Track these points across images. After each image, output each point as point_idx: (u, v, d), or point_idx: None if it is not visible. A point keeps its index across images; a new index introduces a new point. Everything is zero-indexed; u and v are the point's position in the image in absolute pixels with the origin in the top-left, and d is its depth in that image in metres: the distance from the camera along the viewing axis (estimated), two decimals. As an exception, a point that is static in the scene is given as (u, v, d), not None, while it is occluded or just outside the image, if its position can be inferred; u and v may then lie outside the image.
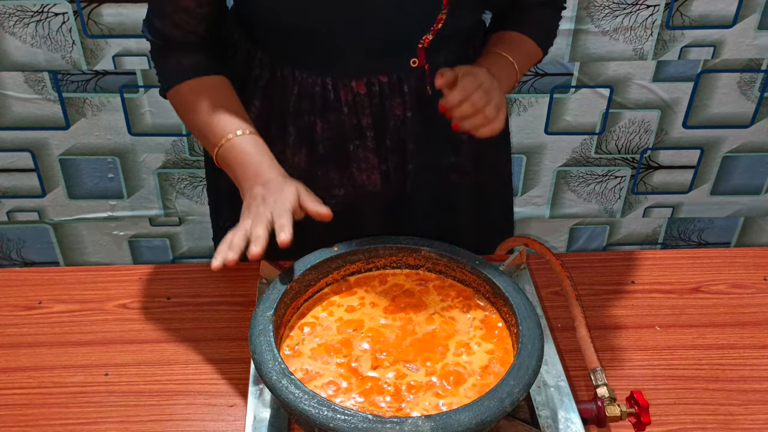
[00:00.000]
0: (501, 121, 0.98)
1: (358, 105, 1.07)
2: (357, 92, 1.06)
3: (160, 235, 1.88)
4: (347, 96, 1.06)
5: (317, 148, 1.11)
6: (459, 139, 1.16)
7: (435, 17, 0.99)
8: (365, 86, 1.06)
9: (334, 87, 1.06)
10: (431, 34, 1.02)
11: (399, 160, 1.14)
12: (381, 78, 1.06)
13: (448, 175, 1.19)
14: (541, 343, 0.83)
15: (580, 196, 1.87)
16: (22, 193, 1.78)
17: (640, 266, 1.16)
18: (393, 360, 0.86)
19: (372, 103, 1.06)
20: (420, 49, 1.04)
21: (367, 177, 1.14)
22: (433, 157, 1.16)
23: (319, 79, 1.06)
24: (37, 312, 1.07)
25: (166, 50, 1.04)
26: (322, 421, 0.73)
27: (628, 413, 0.87)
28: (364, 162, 1.12)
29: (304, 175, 1.14)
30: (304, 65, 1.06)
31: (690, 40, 1.61)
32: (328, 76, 1.05)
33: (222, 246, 0.88)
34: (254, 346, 0.81)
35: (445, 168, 1.18)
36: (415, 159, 1.14)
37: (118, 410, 0.92)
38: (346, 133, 1.10)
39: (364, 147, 1.11)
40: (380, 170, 1.14)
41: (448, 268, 0.96)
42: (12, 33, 1.54)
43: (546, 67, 1.64)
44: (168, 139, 1.71)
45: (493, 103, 0.96)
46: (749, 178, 1.85)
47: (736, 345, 1.02)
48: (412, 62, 1.05)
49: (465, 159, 1.18)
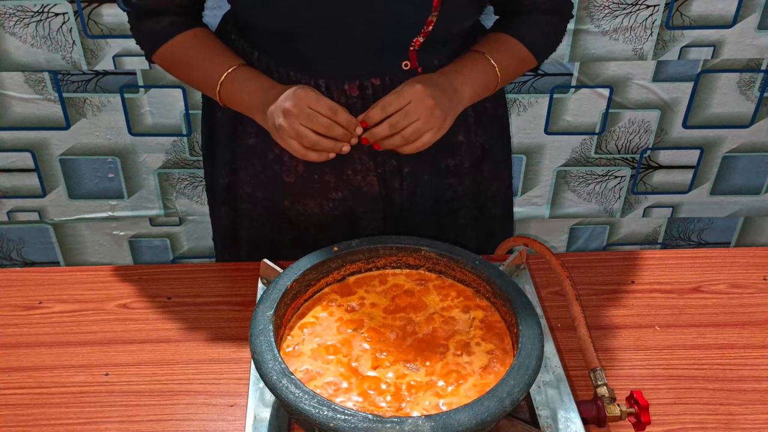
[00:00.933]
0: (423, 142, 0.99)
1: (351, 107, 1.06)
2: (350, 95, 1.06)
3: (160, 235, 1.88)
4: (340, 98, 1.06)
5: None
6: (456, 141, 1.16)
7: (425, 19, 0.99)
8: (358, 89, 1.06)
9: (327, 89, 1.06)
10: (422, 37, 1.01)
11: (395, 163, 1.14)
12: (374, 81, 1.06)
13: (447, 178, 1.19)
14: (541, 343, 0.83)
15: (580, 196, 1.87)
16: (22, 193, 1.78)
17: (639, 266, 1.16)
18: (393, 360, 0.86)
19: (365, 105, 1.06)
20: (411, 52, 1.04)
21: (363, 179, 1.14)
22: (430, 159, 1.15)
23: (313, 80, 1.06)
24: (37, 312, 1.07)
25: (143, 17, 1.07)
26: (322, 421, 0.73)
27: (628, 413, 0.87)
28: (359, 164, 1.12)
29: (301, 179, 1.14)
30: (298, 67, 1.06)
31: (690, 40, 1.61)
32: (321, 77, 1.06)
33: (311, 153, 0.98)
34: (254, 346, 0.82)
35: (443, 171, 1.18)
36: (411, 162, 1.13)
37: (118, 410, 0.93)
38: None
39: (359, 149, 1.10)
40: (376, 173, 1.14)
41: (448, 268, 0.96)
42: (12, 33, 1.54)
43: (546, 67, 1.64)
44: (168, 139, 1.71)
45: (413, 126, 0.97)
46: (749, 178, 1.85)
47: (736, 345, 1.02)
48: (404, 65, 1.05)
49: (463, 161, 1.18)
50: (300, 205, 1.17)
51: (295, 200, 1.17)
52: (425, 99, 0.97)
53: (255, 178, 1.17)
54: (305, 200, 1.16)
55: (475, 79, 1.06)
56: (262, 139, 1.12)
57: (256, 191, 1.18)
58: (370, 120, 0.98)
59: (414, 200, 1.17)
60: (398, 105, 0.97)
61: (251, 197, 1.19)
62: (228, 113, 1.15)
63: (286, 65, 1.07)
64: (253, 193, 1.19)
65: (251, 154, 1.15)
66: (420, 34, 1.01)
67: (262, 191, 1.18)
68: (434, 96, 0.98)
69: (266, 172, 1.15)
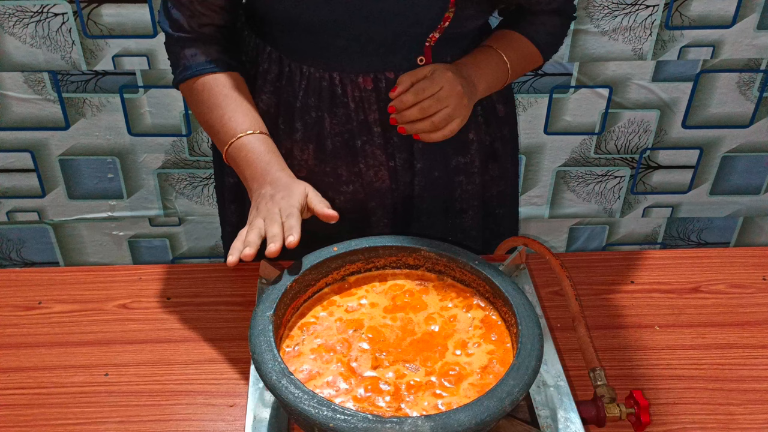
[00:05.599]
0: (450, 129, 0.99)
1: (365, 100, 1.07)
2: (364, 88, 1.06)
3: (160, 235, 1.88)
4: (354, 91, 1.06)
5: (325, 144, 1.12)
6: (467, 139, 1.16)
7: (442, 15, 1.00)
8: (372, 82, 1.06)
9: (341, 82, 1.06)
10: (438, 32, 1.02)
11: (407, 158, 1.14)
12: (388, 74, 1.06)
13: (457, 176, 1.19)
14: (540, 343, 0.83)
15: (580, 196, 1.87)
16: (22, 193, 1.78)
17: (639, 266, 1.16)
18: (393, 360, 0.86)
19: (379, 98, 1.07)
20: (427, 48, 1.04)
21: (375, 174, 1.14)
22: (441, 156, 1.16)
23: (327, 74, 1.06)
24: (37, 312, 1.07)
25: (183, 42, 1.05)
26: (322, 421, 0.73)
27: (628, 413, 0.87)
28: (371, 158, 1.13)
29: (313, 172, 1.14)
30: (312, 60, 1.06)
31: (689, 40, 1.61)
32: (335, 71, 1.06)
33: (236, 243, 0.89)
34: (254, 346, 0.82)
35: (453, 168, 1.18)
36: (423, 157, 1.14)
37: (118, 410, 0.93)
38: (353, 129, 1.10)
39: (371, 143, 1.11)
40: (388, 167, 1.14)
41: (448, 268, 0.96)
42: (12, 33, 1.54)
43: (545, 67, 1.64)
44: (168, 139, 1.71)
45: (443, 112, 0.98)
46: (748, 177, 1.85)
47: (736, 345, 1.02)
48: (419, 60, 1.05)
49: (473, 159, 1.18)
50: None
51: None
52: (456, 86, 0.98)
53: None
54: None
55: (489, 74, 1.07)
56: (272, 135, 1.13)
57: None
58: (402, 104, 0.99)
59: (424, 197, 1.18)
60: (431, 90, 0.98)
61: None
62: None
63: (299, 59, 1.07)
64: None
65: None
66: (436, 30, 1.02)
67: None
68: (463, 84, 1.00)
69: None
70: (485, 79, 1.07)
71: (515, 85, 1.66)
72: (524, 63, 1.14)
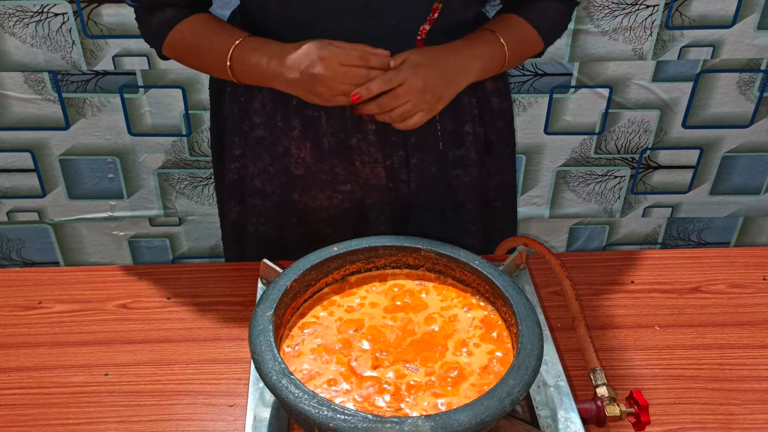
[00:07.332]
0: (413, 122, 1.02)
1: None
2: None
3: (160, 235, 1.89)
4: None
5: (322, 142, 1.12)
6: (463, 132, 1.16)
7: (431, 7, 1.00)
8: None
9: None
10: (428, 24, 1.02)
11: (402, 155, 1.14)
12: None
13: (454, 169, 1.19)
14: (540, 342, 0.83)
15: (580, 196, 1.87)
16: (22, 193, 1.78)
17: (639, 266, 1.16)
18: (393, 360, 0.86)
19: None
20: (419, 41, 1.04)
21: (371, 171, 1.14)
22: (437, 151, 1.16)
23: None
24: (37, 312, 1.07)
25: (149, 9, 1.07)
26: (322, 421, 0.73)
27: (628, 413, 0.87)
28: (367, 156, 1.13)
29: (310, 172, 1.14)
30: None
31: (689, 40, 1.61)
32: None
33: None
34: (254, 346, 0.82)
35: (449, 162, 1.18)
36: (418, 153, 1.14)
37: (118, 410, 0.93)
38: (348, 127, 1.10)
39: (366, 141, 1.11)
40: (384, 165, 1.14)
41: (448, 268, 0.96)
42: (12, 33, 1.54)
43: (545, 67, 1.64)
44: (168, 139, 1.71)
45: (401, 108, 1.00)
46: (748, 177, 1.85)
47: (736, 345, 1.02)
48: None
49: (469, 151, 1.19)
50: (309, 198, 1.17)
51: (304, 193, 1.17)
52: (416, 82, 0.99)
53: (264, 171, 1.17)
54: (314, 192, 1.17)
55: (485, 55, 1.07)
56: (270, 132, 1.13)
57: (266, 185, 1.19)
58: (367, 93, 1.00)
59: (421, 193, 1.18)
60: (392, 85, 1.00)
61: (260, 191, 1.19)
62: (235, 109, 1.15)
63: None
64: (262, 187, 1.19)
65: (260, 147, 1.15)
66: (426, 22, 1.02)
67: (271, 185, 1.18)
68: (427, 79, 1.00)
69: (275, 165, 1.16)
70: (480, 60, 1.06)
71: (515, 85, 1.66)
72: (523, 46, 1.13)
